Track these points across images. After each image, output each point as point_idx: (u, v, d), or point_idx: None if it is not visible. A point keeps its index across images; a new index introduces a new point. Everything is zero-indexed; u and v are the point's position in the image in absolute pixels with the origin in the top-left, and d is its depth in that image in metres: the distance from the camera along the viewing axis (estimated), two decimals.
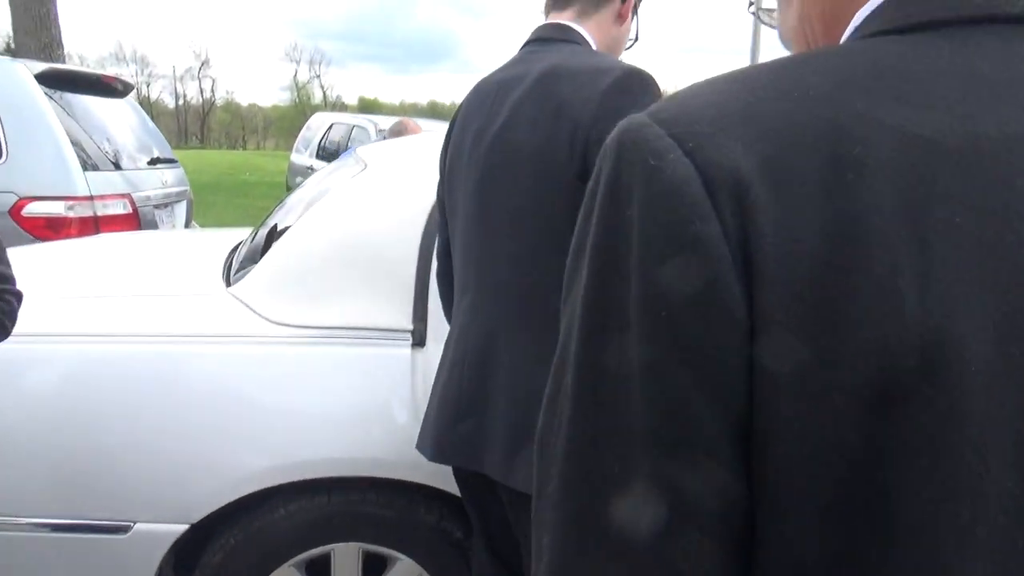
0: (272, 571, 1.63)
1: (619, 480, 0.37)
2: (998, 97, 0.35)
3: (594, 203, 0.39)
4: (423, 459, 1.60)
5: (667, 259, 0.35)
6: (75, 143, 3.70)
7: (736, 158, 0.35)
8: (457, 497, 1.64)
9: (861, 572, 0.34)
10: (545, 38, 1.28)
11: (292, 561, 1.64)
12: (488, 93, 1.27)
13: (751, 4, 0.69)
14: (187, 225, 4.83)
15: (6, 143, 3.52)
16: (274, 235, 1.93)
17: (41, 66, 3.92)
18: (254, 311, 1.69)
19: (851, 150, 0.34)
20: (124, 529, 1.57)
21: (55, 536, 1.57)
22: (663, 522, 0.36)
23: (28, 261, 2.32)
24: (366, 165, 1.90)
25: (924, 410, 0.33)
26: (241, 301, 1.72)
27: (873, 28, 0.40)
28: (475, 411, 1.22)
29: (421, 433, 1.37)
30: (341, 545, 1.65)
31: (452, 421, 1.26)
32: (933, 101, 0.35)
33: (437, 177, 1.42)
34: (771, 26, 0.60)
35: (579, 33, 1.26)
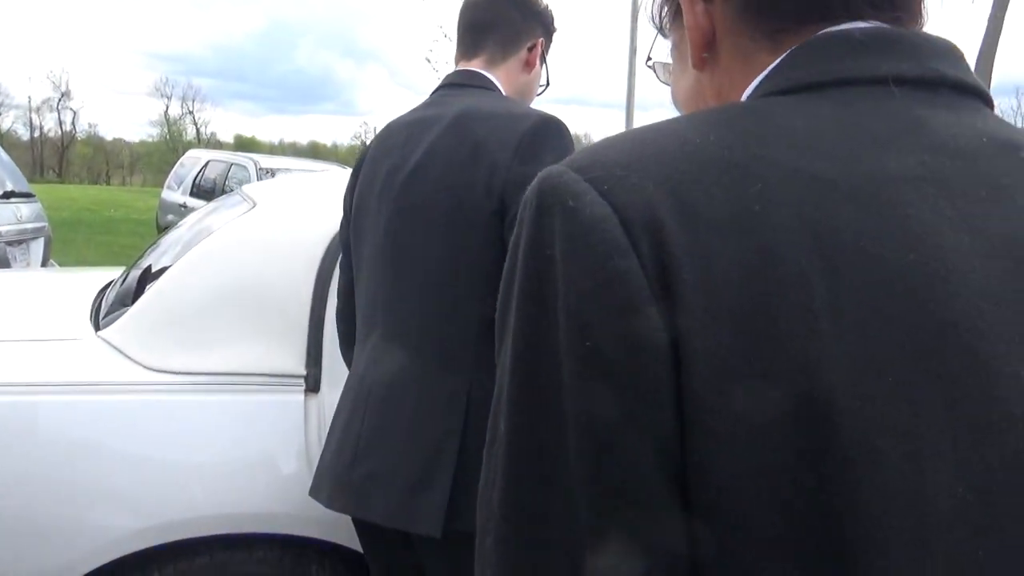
0: None
1: (556, 526, 0.37)
2: (875, 144, 0.39)
3: (517, 252, 0.40)
4: (315, 511, 1.52)
5: (589, 294, 0.37)
6: None
7: (649, 196, 0.37)
8: (353, 551, 1.56)
9: None
10: (457, 83, 1.30)
11: None
12: (400, 132, 1.27)
13: (648, 59, 0.72)
14: (44, 264, 4.47)
15: None
16: (149, 276, 1.80)
17: None
18: (128, 357, 1.56)
19: (753, 186, 0.37)
20: None
21: None
22: (607, 569, 0.36)
23: None
24: (255, 203, 1.82)
25: (851, 422, 0.34)
26: (113, 346, 1.58)
27: (764, 90, 0.44)
28: (373, 455, 1.17)
29: (316, 479, 1.30)
30: None
31: (349, 466, 1.20)
32: (821, 146, 0.39)
33: (339, 216, 1.38)
34: (664, 83, 0.63)
35: (490, 79, 1.29)
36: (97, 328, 1.70)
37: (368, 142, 1.37)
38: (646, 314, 0.36)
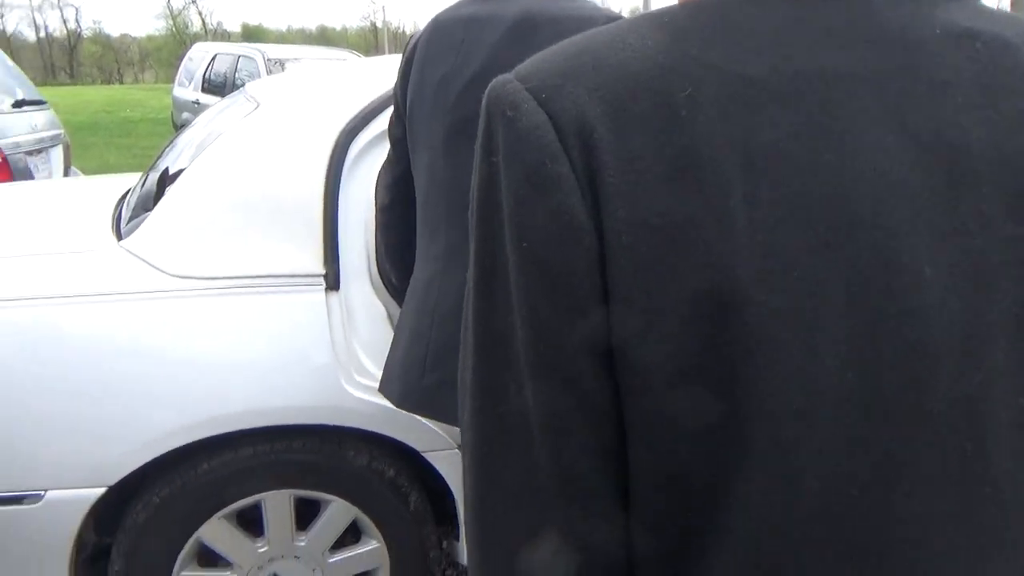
0: (201, 524, 1.61)
1: (513, 399, 0.43)
2: (820, 40, 0.40)
3: (476, 159, 0.44)
4: (348, 403, 1.60)
5: (526, 197, 0.40)
6: None
7: (583, 104, 0.40)
8: (386, 437, 1.64)
9: (723, 466, 0.39)
10: None
11: (221, 513, 1.62)
12: (453, 33, 1.19)
13: None
14: (66, 172, 4.50)
15: None
16: (166, 180, 1.82)
17: None
18: (151, 265, 1.60)
19: (684, 90, 0.39)
20: (34, 499, 1.50)
21: None
22: (541, 425, 0.42)
23: None
24: (258, 103, 1.80)
25: (756, 314, 0.37)
26: (135, 255, 1.62)
27: None
28: (443, 364, 1.21)
29: (386, 377, 1.35)
30: (271, 493, 1.64)
31: (419, 373, 1.25)
32: (761, 46, 0.40)
33: (342, 111, 1.36)
34: None
35: None
36: (119, 237, 1.74)
37: (379, 24, 1.30)
38: (575, 215, 0.39)
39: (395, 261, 1.46)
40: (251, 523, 1.67)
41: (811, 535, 0.39)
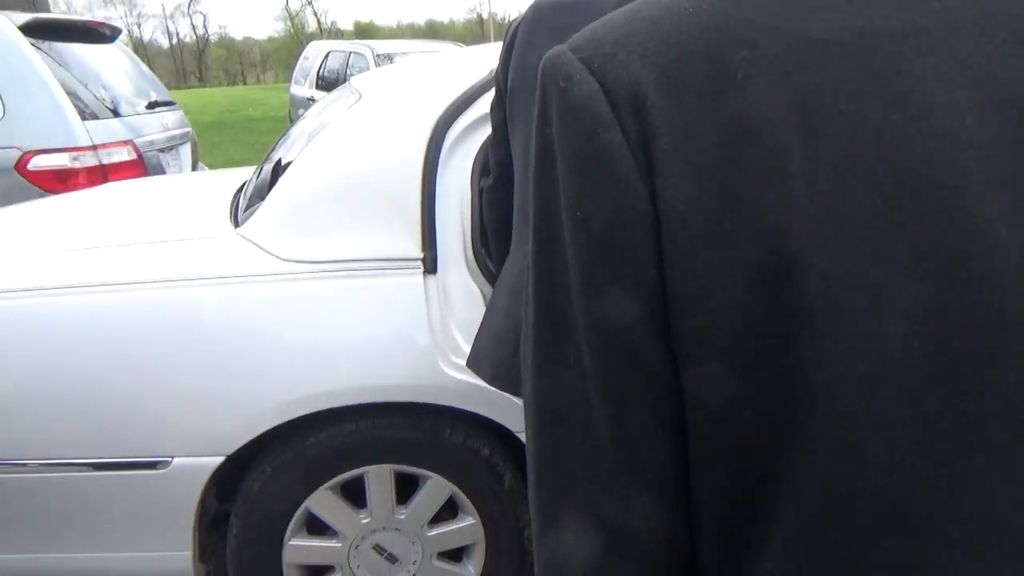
0: (309, 495, 1.71)
1: (568, 369, 0.43)
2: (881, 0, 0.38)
3: (533, 131, 0.44)
4: (446, 382, 1.65)
5: (578, 167, 0.40)
6: (70, 93, 3.67)
7: (635, 71, 0.39)
8: (481, 417, 1.69)
9: (783, 437, 0.38)
10: None
11: (327, 484, 1.71)
12: (554, 19, 1.22)
13: None
14: (194, 167, 4.82)
15: (1, 97, 3.50)
16: (278, 171, 1.93)
17: (25, 16, 3.85)
18: (264, 250, 1.71)
19: (739, 52, 0.38)
20: (163, 464, 1.64)
21: (99, 475, 1.65)
22: (600, 396, 0.42)
23: (40, 214, 2.34)
24: (360, 95, 1.88)
25: (816, 279, 0.36)
26: (250, 241, 1.73)
27: None
28: None
29: (475, 354, 1.40)
30: (373, 467, 1.72)
31: (511, 351, 1.28)
32: (822, 5, 0.38)
33: (441, 99, 1.40)
34: None
35: None
36: (236, 224, 1.86)
37: (484, 15, 1.35)
38: (629, 183, 0.39)
39: (498, 240, 1.49)
40: (356, 496, 1.76)
41: (874, 508, 0.38)
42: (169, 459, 1.64)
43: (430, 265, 1.68)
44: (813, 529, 0.39)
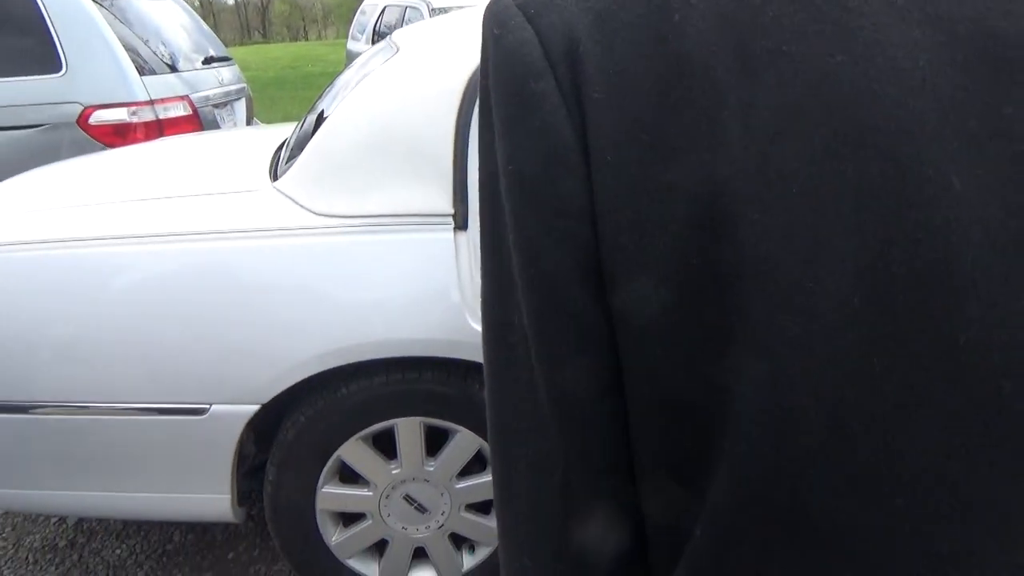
0: (340, 445, 1.76)
1: (512, 325, 0.42)
2: None
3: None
4: (473, 338, 1.66)
5: (510, 118, 0.39)
6: (129, 48, 3.75)
7: (572, 17, 0.38)
8: None
9: (718, 398, 0.37)
10: None
11: (358, 435, 1.75)
12: None
13: None
14: (249, 122, 4.90)
15: (64, 54, 3.60)
16: (318, 125, 1.94)
17: None
18: (299, 204, 1.73)
19: None
20: (203, 411, 1.70)
21: (142, 419, 1.72)
22: (538, 353, 0.41)
23: (98, 167, 2.42)
24: (398, 49, 1.86)
25: (749, 233, 0.34)
26: (286, 195, 1.76)
27: None
28: None
29: None
30: (403, 420, 1.75)
31: None
32: None
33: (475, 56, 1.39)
34: None
35: None
36: (274, 178, 1.89)
37: None
38: (560, 133, 0.37)
39: None
40: (387, 447, 1.80)
41: (811, 471, 0.36)
42: (207, 405, 1.70)
43: (461, 221, 1.68)
44: (749, 495, 0.37)
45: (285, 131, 2.67)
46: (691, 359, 0.37)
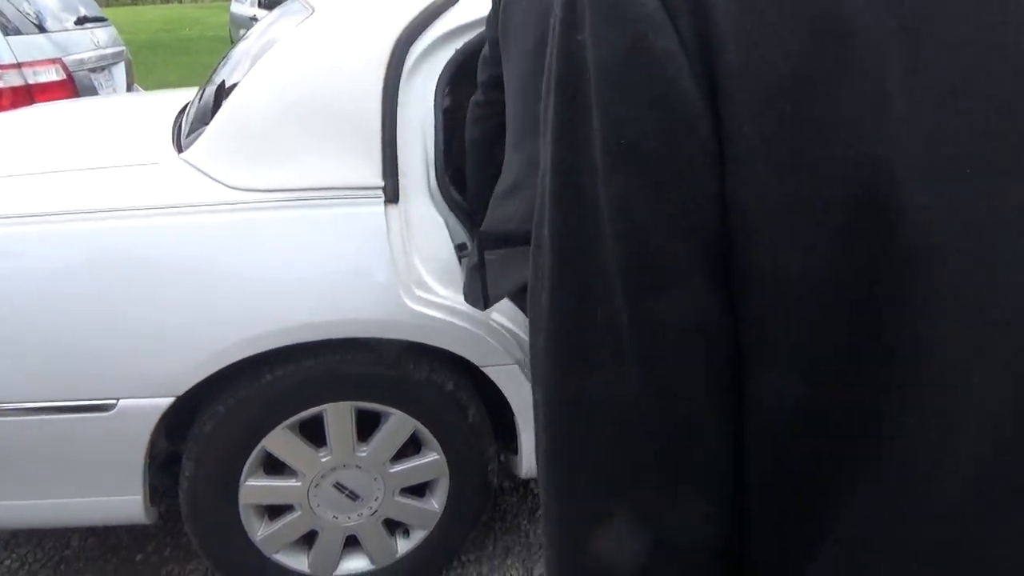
0: (265, 435, 1.65)
1: (594, 325, 0.36)
2: None
3: (554, 39, 0.35)
4: (406, 317, 1.59)
5: (623, 82, 0.32)
6: None
7: None
8: (445, 351, 1.64)
9: (867, 404, 0.33)
10: None
11: (285, 424, 1.65)
12: None
13: None
14: (129, 89, 4.54)
15: None
16: (223, 93, 1.79)
17: None
18: (212, 177, 1.59)
19: None
20: (107, 407, 1.55)
21: (38, 419, 1.55)
22: (642, 353, 0.35)
23: None
24: (313, 10, 1.74)
25: (918, 221, 0.30)
26: (195, 167, 1.61)
27: None
28: None
29: (469, 289, 1.42)
30: (332, 405, 1.66)
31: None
32: None
33: (400, 16, 1.31)
34: None
35: None
36: (179, 149, 1.73)
37: None
38: (687, 101, 0.31)
39: (478, 159, 1.47)
40: (315, 435, 1.71)
41: (970, 483, 0.32)
42: (114, 401, 1.55)
43: (391, 194, 1.59)
44: (897, 503, 0.33)
45: (176, 98, 2.46)
46: (835, 366, 0.32)
